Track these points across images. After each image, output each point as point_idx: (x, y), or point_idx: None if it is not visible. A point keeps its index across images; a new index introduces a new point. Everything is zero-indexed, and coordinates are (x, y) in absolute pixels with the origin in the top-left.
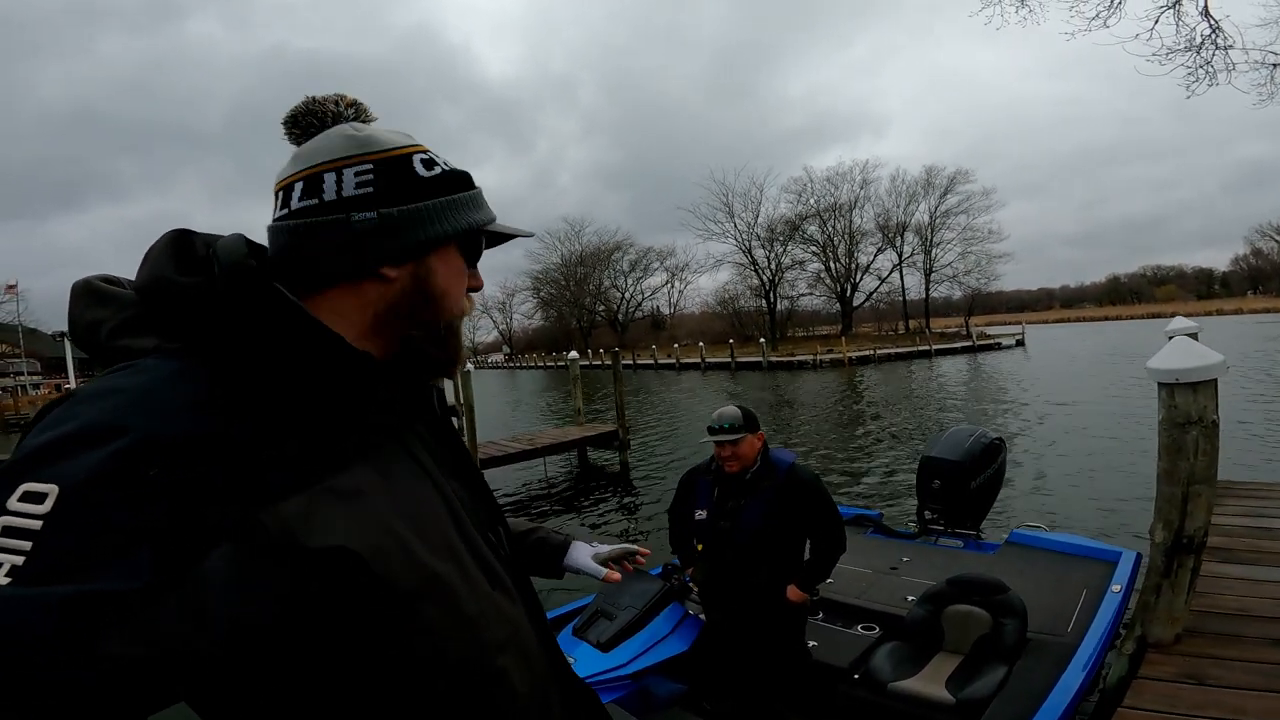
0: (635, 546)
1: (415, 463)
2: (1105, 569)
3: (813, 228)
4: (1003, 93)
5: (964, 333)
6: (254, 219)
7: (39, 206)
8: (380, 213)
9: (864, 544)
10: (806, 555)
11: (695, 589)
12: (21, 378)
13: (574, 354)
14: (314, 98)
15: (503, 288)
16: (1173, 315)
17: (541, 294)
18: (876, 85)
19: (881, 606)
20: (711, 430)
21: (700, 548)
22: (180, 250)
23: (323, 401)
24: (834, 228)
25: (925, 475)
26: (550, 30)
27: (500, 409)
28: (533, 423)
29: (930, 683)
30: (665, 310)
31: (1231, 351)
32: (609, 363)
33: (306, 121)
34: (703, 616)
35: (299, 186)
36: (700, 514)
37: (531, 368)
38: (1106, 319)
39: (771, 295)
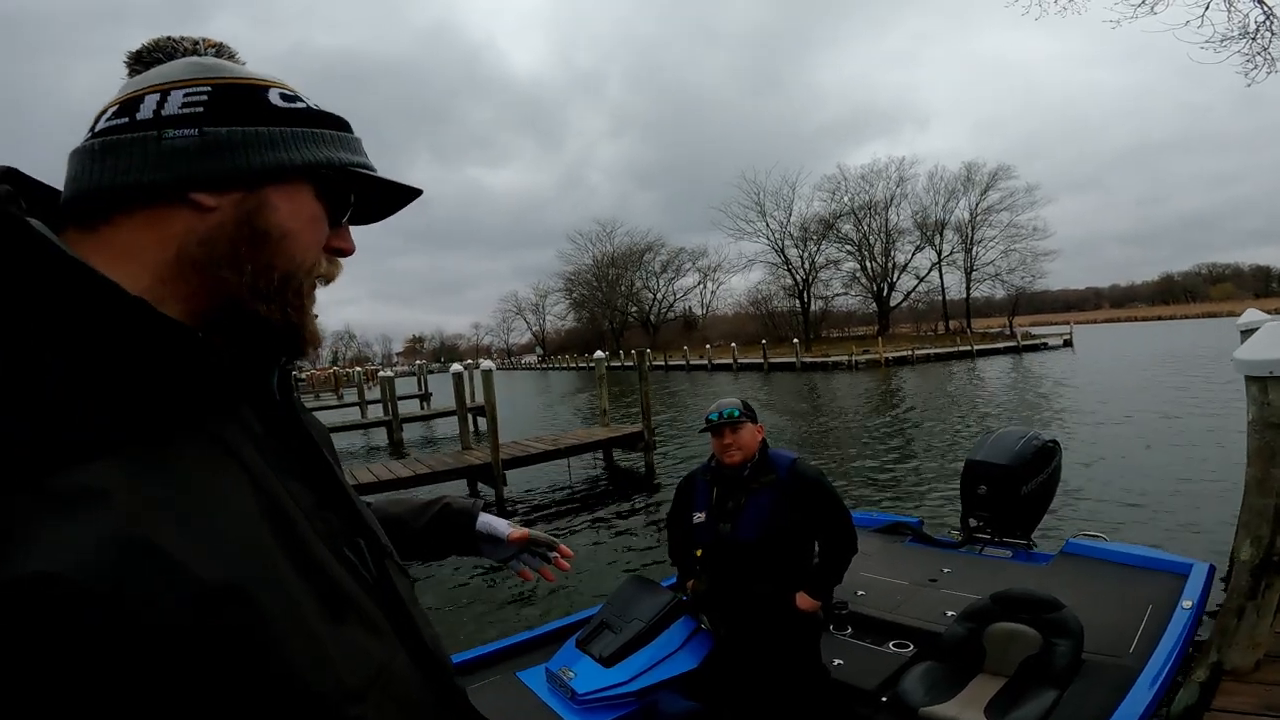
0: (554, 540)
1: (227, 456)
2: (1174, 583)
3: (847, 226)
4: (1056, 83)
5: (1007, 333)
6: None
7: None
8: (204, 130)
9: (901, 553)
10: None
11: (693, 603)
12: None
13: (600, 354)
14: (171, 36)
15: (535, 289)
16: (1228, 314)
17: (574, 295)
18: (918, 76)
19: (917, 622)
20: (710, 421)
21: (699, 553)
22: None
23: (73, 367)
24: (869, 226)
25: (970, 480)
26: (575, 24)
27: (531, 409)
28: (564, 423)
29: (968, 708)
30: (697, 311)
31: None
32: (629, 364)
33: (152, 58)
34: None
35: (111, 110)
36: (698, 516)
37: (564, 368)
38: (1159, 319)
39: (805, 295)
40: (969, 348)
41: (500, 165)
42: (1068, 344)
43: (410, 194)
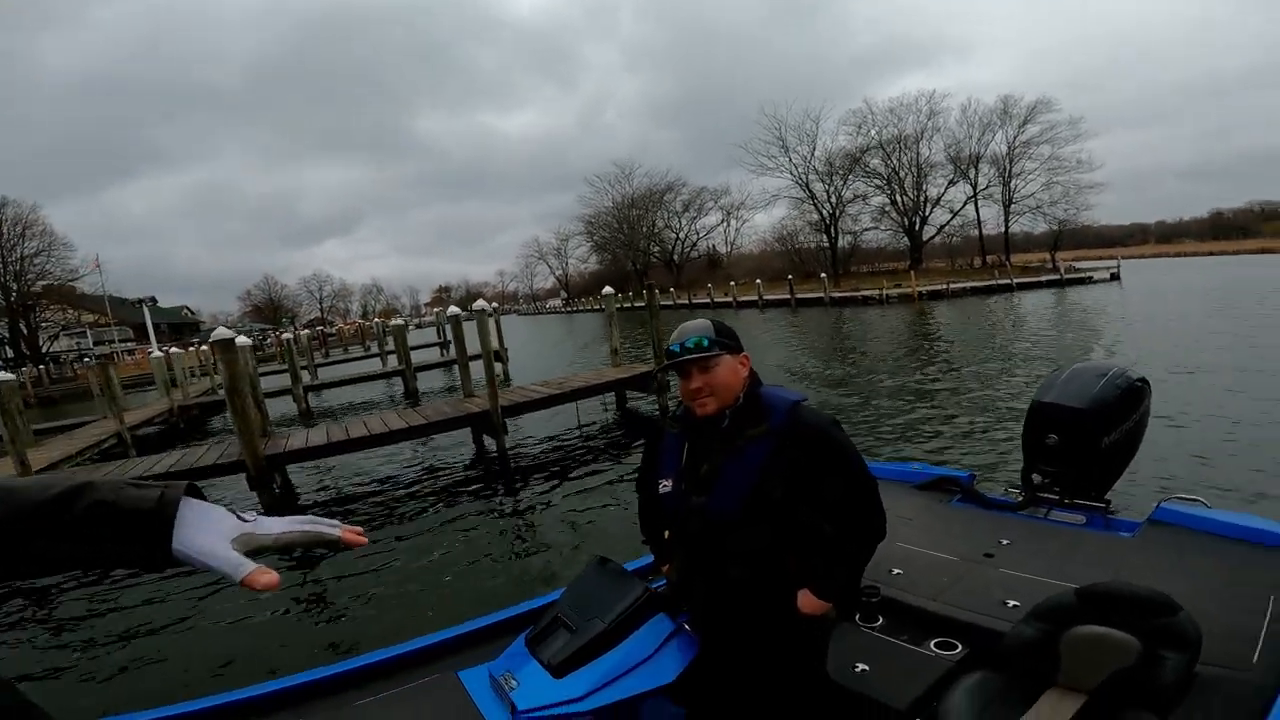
0: (334, 530)
1: None
2: None
3: (875, 160)
4: (1116, 13)
5: (1050, 266)
6: (306, 181)
7: (91, 179)
8: None
9: (947, 517)
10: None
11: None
12: (115, 344)
13: (609, 289)
14: None
15: (557, 234)
16: None
17: (595, 238)
18: (961, 3)
19: (968, 614)
20: (671, 354)
21: (668, 535)
22: None
23: None
24: (899, 160)
25: (1036, 426)
26: None
27: (554, 353)
28: (583, 367)
29: None
30: (721, 249)
31: None
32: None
33: None
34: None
35: None
36: (665, 484)
37: (588, 311)
38: (1211, 254)
39: (833, 230)
40: (1008, 281)
41: (514, 110)
42: (1115, 278)
43: None
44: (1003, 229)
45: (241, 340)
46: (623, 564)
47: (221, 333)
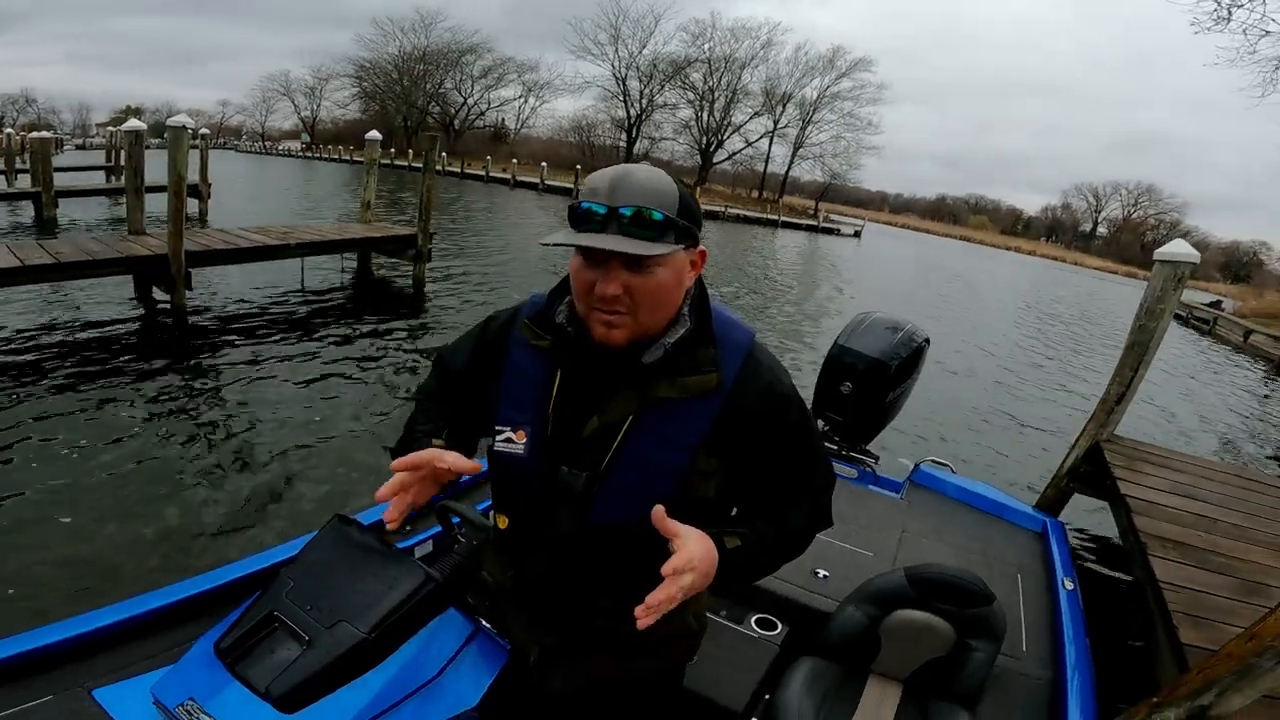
0: None
1: None
2: (1033, 544)
3: (697, 75)
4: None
5: (811, 213)
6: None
7: None
8: None
9: None
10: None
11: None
12: None
13: (375, 134)
14: None
15: (316, 72)
16: (979, 242)
17: (365, 84)
18: None
19: (782, 584)
20: (585, 216)
21: (504, 524)
22: None
23: None
24: (718, 80)
25: (834, 372)
26: None
27: (279, 199)
28: (321, 220)
29: None
30: (511, 125)
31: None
32: (420, 165)
33: None
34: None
35: None
36: (509, 437)
37: (334, 160)
38: (928, 233)
39: (634, 132)
40: (775, 217)
41: None
42: (857, 235)
43: None
44: (785, 169)
45: None
46: (359, 516)
47: None
